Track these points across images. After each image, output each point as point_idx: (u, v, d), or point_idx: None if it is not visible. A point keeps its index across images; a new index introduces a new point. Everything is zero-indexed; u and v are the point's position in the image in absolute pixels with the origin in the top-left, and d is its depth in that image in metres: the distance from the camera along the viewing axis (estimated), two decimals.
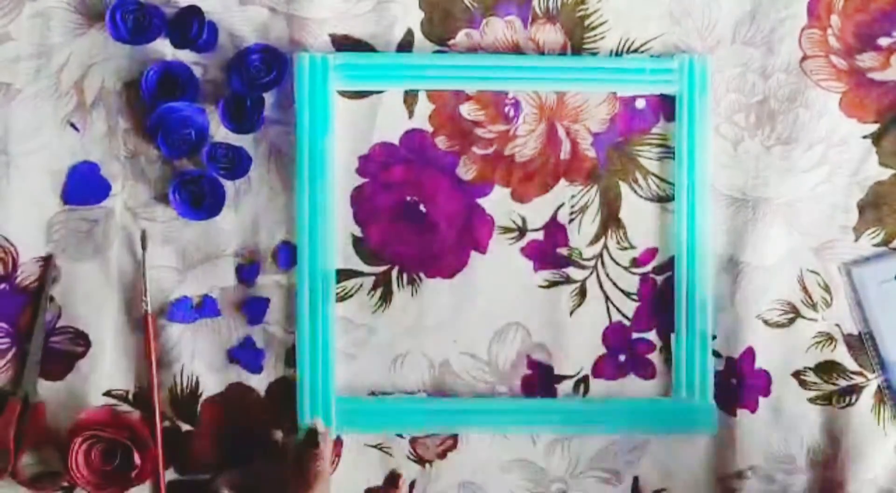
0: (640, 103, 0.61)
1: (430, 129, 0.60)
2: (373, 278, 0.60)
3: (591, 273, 0.61)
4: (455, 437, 0.60)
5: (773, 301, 0.61)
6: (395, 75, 0.60)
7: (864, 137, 0.62)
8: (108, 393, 0.58)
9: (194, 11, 0.58)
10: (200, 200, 0.58)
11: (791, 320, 0.61)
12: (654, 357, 0.61)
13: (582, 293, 0.60)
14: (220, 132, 0.59)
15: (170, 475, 0.58)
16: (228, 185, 0.59)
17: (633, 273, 0.61)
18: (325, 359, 0.58)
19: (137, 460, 0.56)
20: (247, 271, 0.59)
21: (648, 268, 0.61)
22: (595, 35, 0.61)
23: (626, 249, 0.61)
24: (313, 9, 0.59)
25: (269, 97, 0.59)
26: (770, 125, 0.61)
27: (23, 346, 0.57)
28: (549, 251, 0.60)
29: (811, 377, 0.61)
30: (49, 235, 0.58)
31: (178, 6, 0.59)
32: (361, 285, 0.60)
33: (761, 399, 0.61)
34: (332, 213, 0.59)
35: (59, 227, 0.58)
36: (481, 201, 0.60)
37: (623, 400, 0.60)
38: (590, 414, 0.60)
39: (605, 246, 0.60)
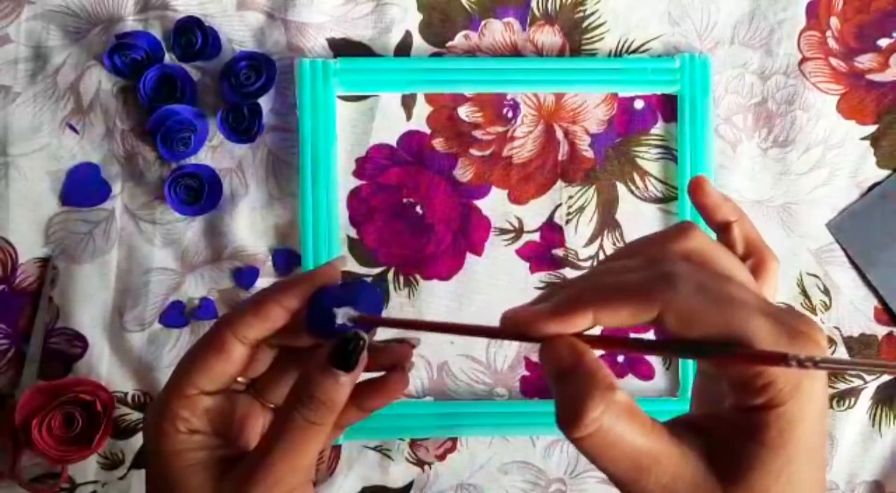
0: (639, 104, 0.61)
1: (428, 130, 0.60)
2: (369, 280, 0.60)
3: None
4: (454, 439, 0.60)
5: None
6: (397, 80, 0.60)
7: (863, 138, 0.62)
8: None
9: (196, 23, 0.58)
10: (197, 197, 0.58)
11: None
12: (652, 358, 0.61)
13: None
14: (218, 135, 0.59)
15: None
16: (226, 185, 0.59)
17: None
18: None
19: (99, 407, 0.56)
20: (245, 274, 0.59)
21: None
22: (593, 36, 0.61)
23: None
24: (311, 13, 0.59)
25: (266, 103, 0.59)
26: (768, 127, 0.61)
27: (21, 347, 0.58)
28: (545, 253, 0.60)
29: None
30: (48, 236, 0.58)
31: (177, 11, 0.59)
32: None
33: None
34: (336, 218, 0.59)
35: (59, 228, 0.58)
36: (478, 203, 0.60)
37: None
38: None
39: (601, 247, 0.60)
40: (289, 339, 0.39)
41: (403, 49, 0.60)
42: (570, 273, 0.60)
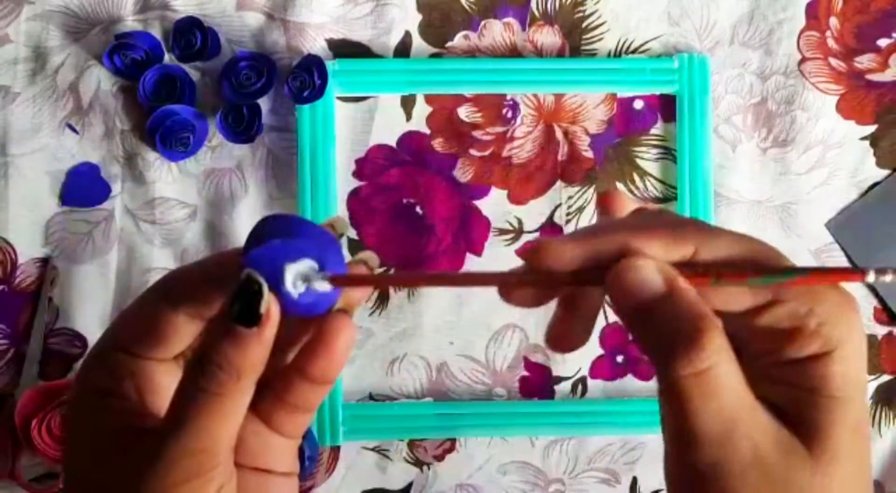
0: (638, 104, 0.61)
1: (427, 131, 0.60)
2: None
3: None
4: (453, 439, 0.60)
5: None
6: (396, 81, 0.60)
7: (862, 138, 0.62)
8: None
9: (195, 23, 0.58)
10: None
11: None
12: None
13: None
14: (217, 136, 0.59)
15: None
16: (226, 186, 0.59)
17: None
18: None
19: None
20: None
21: None
22: (593, 37, 0.61)
23: None
24: (310, 14, 0.59)
25: (265, 104, 0.59)
26: (768, 127, 0.61)
27: (21, 347, 0.58)
28: None
29: None
30: (48, 236, 0.58)
31: (177, 12, 0.59)
32: None
33: None
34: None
35: (58, 228, 0.58)
36: (478, 203, 0.60)
37: (627, 401, 0.60)
38: (592, 415, 0.60)
39: None
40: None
41: (403, 49, 0.60)
42: None
